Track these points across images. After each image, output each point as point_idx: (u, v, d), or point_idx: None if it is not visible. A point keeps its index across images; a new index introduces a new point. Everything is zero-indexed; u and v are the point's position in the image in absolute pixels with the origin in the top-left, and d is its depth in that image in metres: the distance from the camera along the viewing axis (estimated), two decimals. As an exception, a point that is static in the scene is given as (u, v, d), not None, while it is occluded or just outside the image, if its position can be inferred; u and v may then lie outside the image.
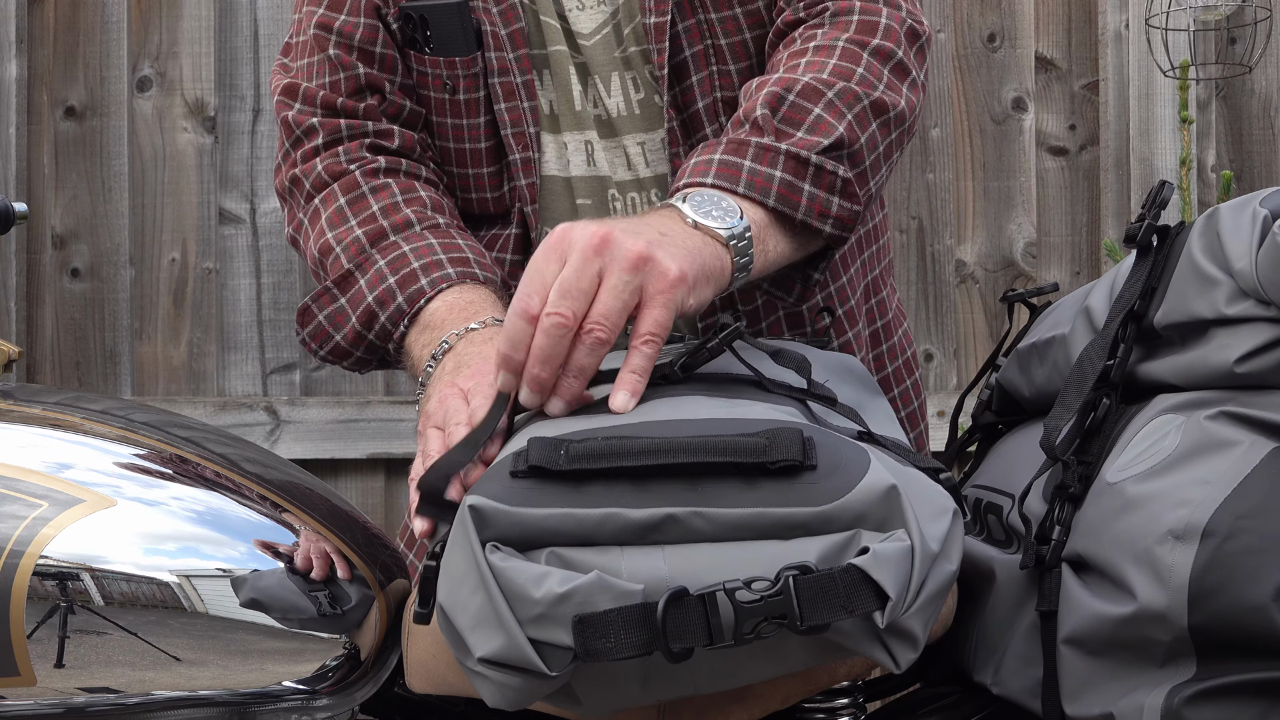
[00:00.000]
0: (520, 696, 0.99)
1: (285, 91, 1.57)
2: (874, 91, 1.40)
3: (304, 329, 1.50)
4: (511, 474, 1.01)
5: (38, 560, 1.14)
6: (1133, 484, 1.08)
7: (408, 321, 1.42)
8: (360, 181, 1.51)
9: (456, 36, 1.53)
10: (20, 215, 1.58)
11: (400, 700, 1.28)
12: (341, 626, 1.22)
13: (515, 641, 0.96)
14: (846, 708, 1.28)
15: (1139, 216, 1.21)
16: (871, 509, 0.99)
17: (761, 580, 0.96)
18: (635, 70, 1.53)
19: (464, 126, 1.56)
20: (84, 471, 1.20)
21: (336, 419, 3.06)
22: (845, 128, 1.37)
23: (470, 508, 0.99)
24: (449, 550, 1.01)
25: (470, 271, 1.44)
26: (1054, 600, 1.12)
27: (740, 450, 1.00)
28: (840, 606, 0.96)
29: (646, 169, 1.55)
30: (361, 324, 1.45)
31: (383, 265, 1.45)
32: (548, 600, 0.95)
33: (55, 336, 3.09)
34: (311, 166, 1.54)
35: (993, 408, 1.42)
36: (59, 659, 1.14)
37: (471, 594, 0.98)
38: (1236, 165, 3.23)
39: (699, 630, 0.95)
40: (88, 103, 3.09)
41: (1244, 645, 1.01)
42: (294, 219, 1.57)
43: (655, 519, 0.99)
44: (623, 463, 1.00)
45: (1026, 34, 3.24)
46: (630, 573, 0.97)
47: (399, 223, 1.48)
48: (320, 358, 1.51)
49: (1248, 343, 1.09)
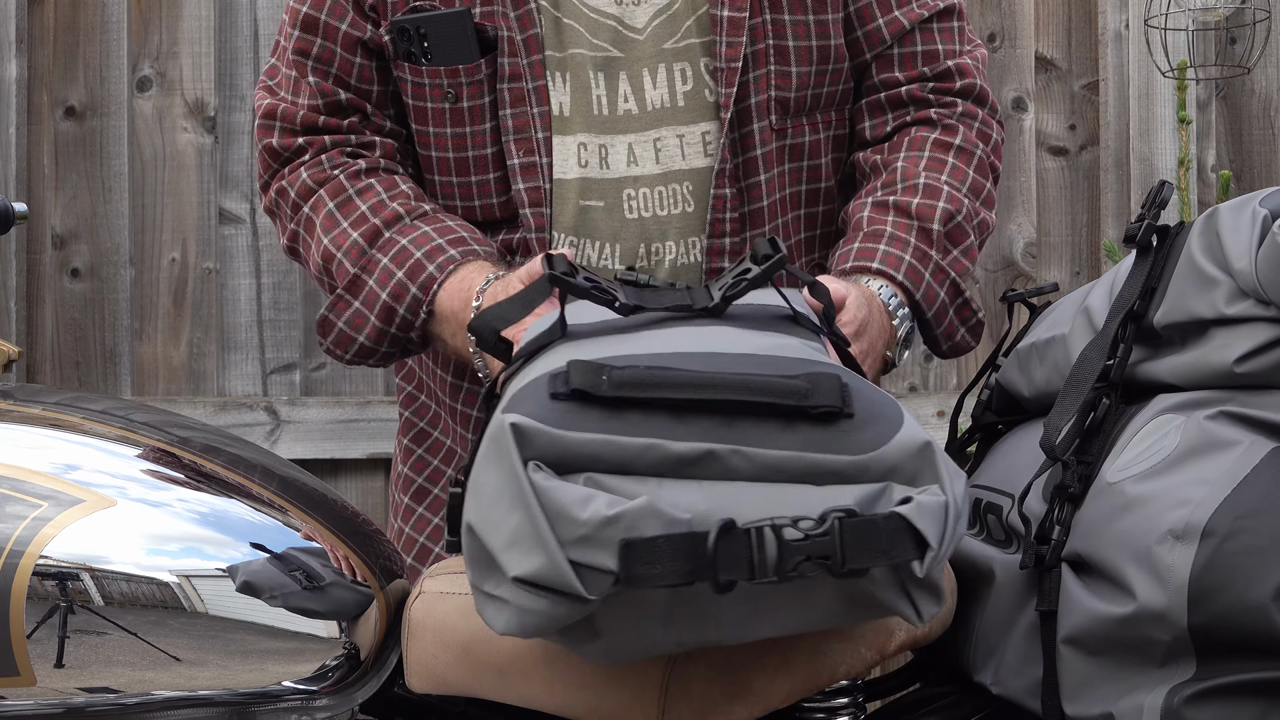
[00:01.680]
0: (543, 623, 0.98)
1: (266, 114, 1.61)
2: (990, 216, 1.63)
3: (326, 339, 1.56)
4: (551, 395, 1.00)
5: (38, 560, 1.14)
6: (1132, 484, 1.08)
7: (425, 311, 1.50)
8: (345, 185, 1.56)
9: (458, 44, 1.55)
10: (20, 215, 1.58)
11: (400, 700, 1.28)
12: (341, 626, 1.22)
13: (555, 561, 0.95)
14: (846, 707, 1.28)
15: (1139, 216, 1.21)
16: (905, 462, 1.00)
17: (807, 520, 0.96)
18: (688, 61, 1.55)
19: (466, 135, 1.57)
20: (84, 471, 1.20)
21: (336, 419, 3.06)
22: (977, 247, 1.60)
23: (512, 425, 0.98)
24: (481, 469, 1.00)
25: (470, 249, 1.51)
26: (1054, 600, 1.12)
27: (782, 392, 1.00)
28: (882, 552, 0.96)
29: (682, 162, 1.55)
30: (382, 321, 1.52)
31: (387, 262, 1.52)
32: (594, 522, 0.95)
33: (55, 336, 3.09)
34: (297, 176, 1.58)
35: (993, 408, 1.42)
36: (59, 659, 1.14)
37: (509, 512, 0.97)
38: (1236, 165, 3.23)
39: (743, 563, 0.95)
40: (88, 103, 3.09)
41: (1244, 645, 1.01)
42: (285, 230, 1.62)
43: (696, 453, 0.99)
44: (666, 394, 1.00)
45: (1026, 34, 3.24)
46: (669, 502, 0.97)
47: (389, 218, 1.54)
48: (347, 361, 1.57)
49: (1247, 342, 1.09)
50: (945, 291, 1.55)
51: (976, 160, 1.61)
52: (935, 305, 1.54)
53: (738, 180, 1.55)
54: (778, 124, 1.56)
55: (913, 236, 1.53)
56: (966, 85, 1.64)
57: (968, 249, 1.58)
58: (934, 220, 1.54)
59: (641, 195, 1.55)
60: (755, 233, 1.56)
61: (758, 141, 1.55)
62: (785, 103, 1.57)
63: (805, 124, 1.59)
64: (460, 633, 1.19)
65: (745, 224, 1.56)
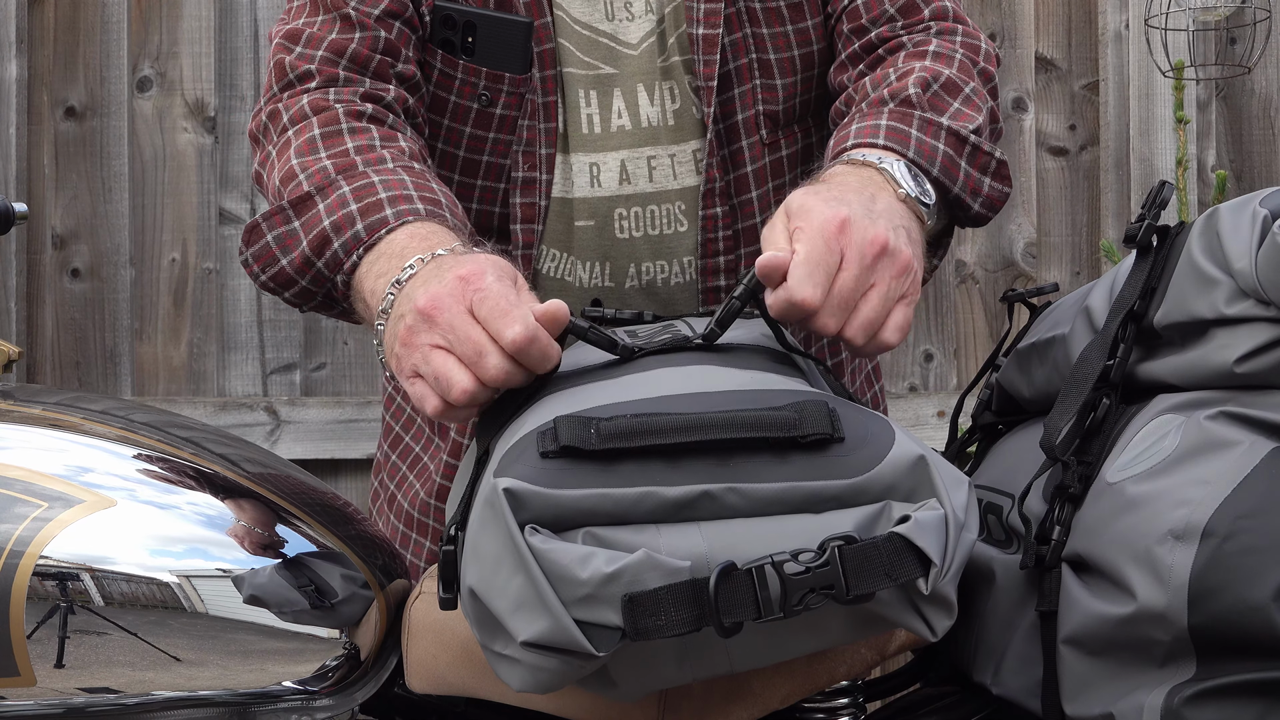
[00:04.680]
0: (556, 680, 0.98)
1: (287, 36, 1.48)
2: (988, 103, 1.45)
3: (249, 248, 1.37)
4: (541, 454, 1.00)
5: (38, 560, 1.14)
6: (1132, 484, 1.08)
7: (363, 250, 1.28)
8: (340, 119, 1.41)
9: (513, 53, 1.49)
10: (20, 215, 1.58)
11: (400, 700, 1.28)
12: (341, 627, 1.22)
13: (561, 623, 0.95)
14: (846, 708, 1.28)
15: (1139, 217, 1.21)
16: (901, 479, 1.00)
17: (807, 551, 0.96)
18: (675, 80, 1.53)
19: (487, 140, 1.53)
20: (84, 471, 1.20)
21: (336, 419, 3.06)
22: (983, 119, 1.41)
23: (505, 491, 0.98)
24: (478, 533, 1.00)
25: (439, 213, 1.31)
26: (1054, 600, 1.12)
27: (771, 425, 1.00)
28: (885, 574, 0.96)
29: (674, 181, 1.53)
30: (312, 249, 1.32)
31: (346, 191, 1.33)
32: (595, 580, 0.95)
33: (55, 336, 3.09)
34: (295, 101, 1.44)
35: (993, 408, 1.42)
36: (59, 659, 1.14)
37: (510, 576, 0.97)
38: (1236, 165, 3.23)
39: (748, 604, 0.95)
40: (88, 103, 3.09)
41: (1244, 645, 1.01)
42: (263, 151, 1.45)
43: (691, 496, 0.99)
44: (656, 440, 0.99)
45: (1026, 34, 3.24)
46: (669, 551, 0.97)
47: (372, 159, 1.37)
48: (261, 283, 1.38)
49: (1248, 343, 1.09)
50: (945, 143, 1.36)
51: (957, 61, 1.46)
52: (937, 159, 1.35)
53: (729, 198, 1.53)
54: (768, 138, 1.54)
55: (886, 109, 1.37)
56: (936, 10, 1.52)
57: (964, 104, 1.41)
58: (907, 89, 1.39)
59: (633, 214, 1.53)
60: (749, 250, 1.54)
61: (748, 158, 1.53)
62: (774, 116, 1.55)
63: (797, 131, 1.58)
64: (460, 633, 1.19)
65: (739, 241, 1.55)
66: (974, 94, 1.43)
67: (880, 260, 1.16)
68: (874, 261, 1.16)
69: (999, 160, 1.39)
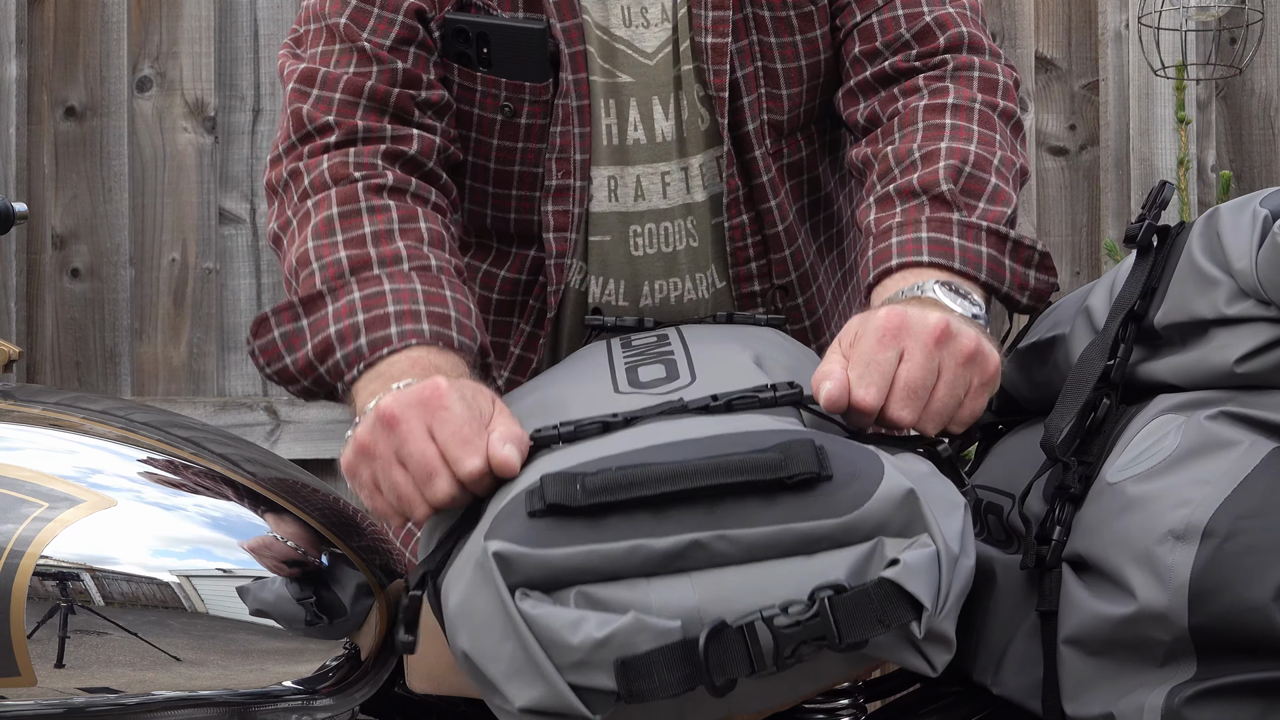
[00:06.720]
0: None
1: (303, 78, 1.44)
2: (1018, 159, 1.44)
3: (255, 340, 1.35)
4: (529, 514, 1.00)
5: (38, 560, 1.14)
6: (1133, 484, 1.08)
7: (363, 366, 1.27)
8: (360, 195, 1.38)
9: (529, 61, 1.46)
10: (20, 215, 1.58)
11: (400, 700, 1.28)
12: (341, 627, 1.22)
13: (556, 690, 0.96)
14: (846, 708, 1.28)
15: (1139, 217, 1.21)
16: (892, 515, 1.00)
17: (797, 603, 0.96)
18: (685, 90, 1.50)
19: (516, 150, 1.49)
20: (84, 472, 1.20)
21: (336, 419, 3.06)
22: (1014, 192, 1.40)
23: (495, 554, 0.98)
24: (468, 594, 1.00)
25: (445, 333, 1.29)
26: (1054, 600, 1.12)
27: (757, 468, 1.00)
28: (877, 621, 0.96)
29: (686, 195, 1.51)
30: (316, 354, 1.31)
31: (357, 298, 1.31)
32: (587, 646, 0.95)
33: (55, 336, 3.09)
34: (317, 163, 1.40)
35: (993, 408, 1.42)
36: (59, 659, 1.14)
37: (501, 641, 0.97)
38: (1236, 165, 3.23)
39: (741, 661, 0.96)
40: (88, 103, 3.09)
41: (1244, 645, 1.01)
42: (282, 215, 1.43)
43: (680, 546, 0.98)
44: (642, 492, 0.99)
45: (1026, 34, 3.24)
46: (660, 604, 0.97)
47: (387, 255, 1.34)
48: (266, 375, 1.36)
49: (1248, 343, 1.09)
50: (987, 244, 1.33)
51: (977, 114, 1.44)
52: (983, 264, 1.32)
53: (753, 206, 1.52)
54: (773, 147, 1.53)
55: (924, 213, 1.35)
56: (952, 37, 1.48)
57: (995, 193, 1.38)
58: (939, 184, 1.36)
59: (647, 231, 1.51)
60: (777, 257, 1.53)
61: (761, 168, 1.51)
62: (779, 125, 1.53)
63: (800, 139, 1.56)
64: (460, 633, 1.19)
65: (766, 248, 1.53)
66: (1002, 165, 1.40)
67: (944, 345, 1.16)
68: (936, 347, 1.16)
69: (1042, 253, 1.37)
